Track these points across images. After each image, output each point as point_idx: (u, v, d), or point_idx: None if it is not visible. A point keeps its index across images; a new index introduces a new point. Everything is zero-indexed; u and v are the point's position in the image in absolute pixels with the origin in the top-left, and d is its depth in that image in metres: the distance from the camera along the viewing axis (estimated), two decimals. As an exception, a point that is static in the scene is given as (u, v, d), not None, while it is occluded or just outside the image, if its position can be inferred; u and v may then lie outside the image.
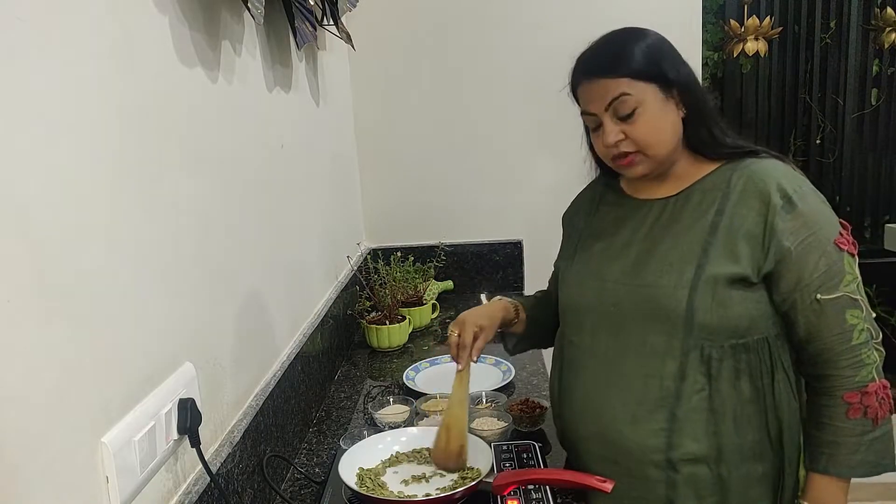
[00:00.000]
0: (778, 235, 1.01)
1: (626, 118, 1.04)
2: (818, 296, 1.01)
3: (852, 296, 1.02)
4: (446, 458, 1.19)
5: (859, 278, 1.04)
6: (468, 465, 1.19)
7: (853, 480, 1.06)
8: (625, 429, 1.08)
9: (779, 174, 1.04)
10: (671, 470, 1.06)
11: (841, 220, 1.06)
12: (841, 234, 1.03)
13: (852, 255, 1.04)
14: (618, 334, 1.10)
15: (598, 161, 1.20)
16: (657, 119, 1.05)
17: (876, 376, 1.03)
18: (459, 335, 1.21)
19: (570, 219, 1.32)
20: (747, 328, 1.04)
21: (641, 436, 1.07)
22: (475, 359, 1.20)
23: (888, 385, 1.05)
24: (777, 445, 1.07)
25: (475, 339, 1.20)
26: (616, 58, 1.05)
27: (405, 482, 1.17)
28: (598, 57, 1.08)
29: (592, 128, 1.11)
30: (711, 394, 1.04)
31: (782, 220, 1.01)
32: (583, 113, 1.11)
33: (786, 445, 1.08)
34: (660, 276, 1.06)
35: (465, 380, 1.21)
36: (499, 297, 1.34)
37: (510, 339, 1.37)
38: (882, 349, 1.05)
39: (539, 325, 1.35)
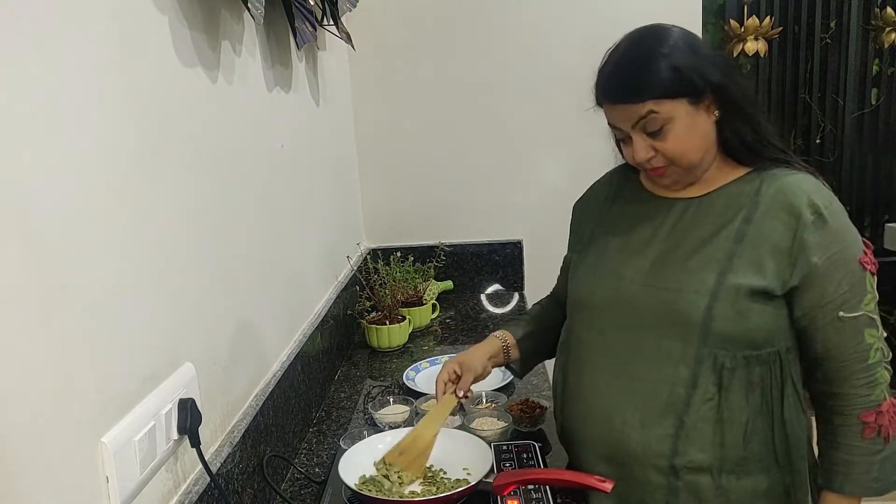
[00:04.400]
0: (807, 251, 1.00)
1: (654, 134, 1.02)
2: (840, 313, 1.01)
3: (871, 315, 1.03)
4: (405, 464, 1.19)
5: (877, 298, 1.04)
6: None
7: None
8: (632, 432, 1.07)
9: (810, 189, 1.03)
10: (673, 476, 1.06)
11: (864, 239, 1.05)
12: (865, 253, 1.04)
13: (873, 275, 1.04)
14: (630, 334, 1.09)
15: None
16: (688, 132, 1.02)
17: (887, 395, 1.04)
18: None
19: (582, 207, 1.29)
20: (763, 340, 1.03)
21: (648, 440, 1.06)
22: (459, 394, 1.23)
23: None
24: (784, 461, 1.06)
25: (450, 380, 1.25)
26: (638, 82, 1.00)
27: (404, 482, 1.17)
28: (620, 81, 1.03)
29: (619, 138, 1.09)
30: (721, 404, 1.03)
31: (812, 236, 1.00)
32: (610, 124, 1.08)
33: (794, 462, 1.07)
34: (679, 279, 1.05)
35: (443, 411, 1.24)
36: (499, 332, 1.33)
37: (514, 368, 1.35)
38: (890, 368, 1.06)
39: (543, 340, 1.33)
